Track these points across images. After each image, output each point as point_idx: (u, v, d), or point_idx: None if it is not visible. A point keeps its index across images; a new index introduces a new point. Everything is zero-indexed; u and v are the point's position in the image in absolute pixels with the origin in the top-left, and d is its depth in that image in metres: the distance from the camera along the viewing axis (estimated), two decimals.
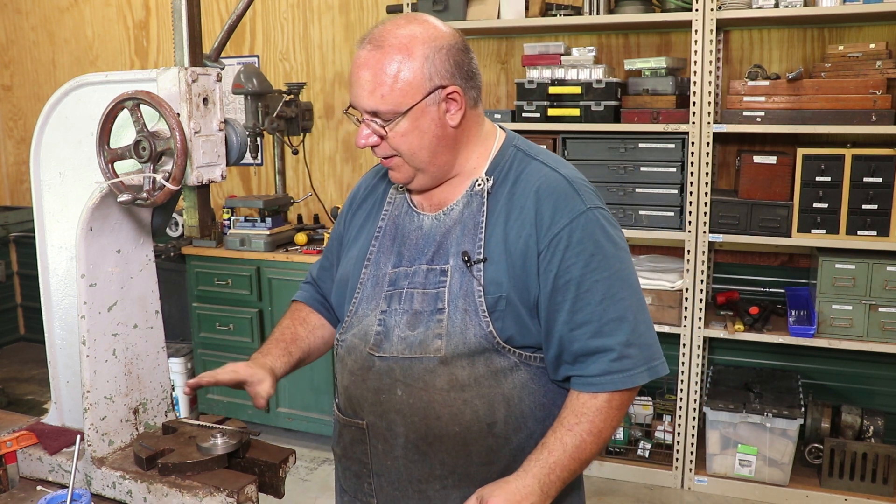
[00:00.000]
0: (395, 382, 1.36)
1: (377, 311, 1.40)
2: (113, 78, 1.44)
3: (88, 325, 1.42)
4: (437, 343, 1.33)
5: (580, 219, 1.32)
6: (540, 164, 1.39)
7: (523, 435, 1.37)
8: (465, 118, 1.36)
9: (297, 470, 3.57)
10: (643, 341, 1.32)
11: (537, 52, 3.48)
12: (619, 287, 1.32)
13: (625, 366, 1.30)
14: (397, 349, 1.36)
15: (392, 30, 1.31)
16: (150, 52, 4.79)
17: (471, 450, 1.35)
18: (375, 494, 1.43)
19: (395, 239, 1.43)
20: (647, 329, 1.35)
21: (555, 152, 3.41)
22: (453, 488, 1.37)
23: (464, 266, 1.34)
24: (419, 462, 1.37)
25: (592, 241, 1.32)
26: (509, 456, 1.36)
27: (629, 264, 1.37)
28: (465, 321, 1.32)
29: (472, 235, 1.35)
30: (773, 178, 3.15)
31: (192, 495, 1.31)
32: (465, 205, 1.38)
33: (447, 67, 1.31)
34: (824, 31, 3.37)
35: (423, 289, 1.36)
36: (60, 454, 1.49)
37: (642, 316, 1.34)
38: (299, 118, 3.80)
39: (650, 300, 3.36)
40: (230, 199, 4.08)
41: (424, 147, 1.34)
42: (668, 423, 3.50)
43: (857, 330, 3.11)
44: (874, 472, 3.14)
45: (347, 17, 4.23)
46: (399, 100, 1.30)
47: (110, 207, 1.44)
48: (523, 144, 1.44)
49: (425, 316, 1.34)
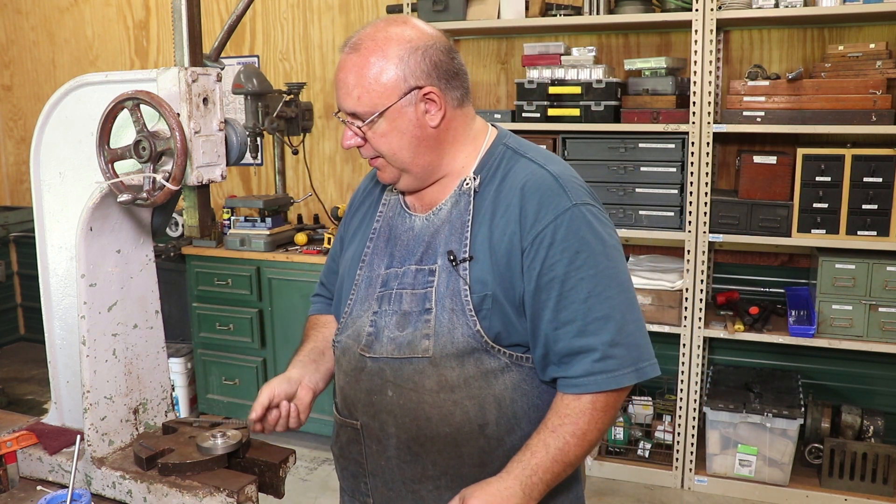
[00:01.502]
0: (386, 383, 1.36)
1: (369, 312, 1.41)
2: (113, 78, 1.44)
3: (88, 325, 1.42)
4: (424, 343, 1.33)
5: (565, 215, 1.30)
6: (528, 162, 1.38)
7: (517, 437, 1.36)
8: (446, 118, 1.36)
9: (297, 470, 3.57)
10: (631, 341, 1.30)
11: (537, 52, 3.48)
12: (606, 285, 1.30)
13: (609, 366, 1.28)
14: (387, 350, 1.37)
15: (371, 33, 1.33)
16: (150, 52, 4.79)
17: (463, 451, 1.35)
18: (371, 494, 1.44)
19: (388, 240, 1.45)
20: (637, 329, 1.32)
21: (555, 152, 3.43)
22: (446, 489, 1.37)
23: (450, 266, 1.34)
24: (412, 463, 1.38)
25: (578, 237, 1.30)
26: (503, 458, 1.35)
27: (619, 262, 1.34)
28: (452, 321, 1.32)
29: (458, 235, 1.36)
30: (773, 178, 3.15)
31: (192, 495, 1.31)
32: (453, 204, 1.39)
33: (423, 68, 1.32)
34: (824, 31, 3.37)
35: (412, 289, 1.37)
36: (60, 454, 1.49)
37: (631, 315, 1.32)
38: (299, 118, 3.80)
39: (650, 300, 3.36)
40: (230, 199, 4.08)
41: (404, 147, 1.35)
42: (668, 423, 3.50)
43: (857, 330, 3.11)
44: (874, 472, 3.14)
45: (347, 17, 4.23)
46: (375, 101, 1.31)
47: (110, 207, 1.44)
48: (513, 142, 1.44)
49: (414, 316, 1.35)
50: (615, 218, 3.36)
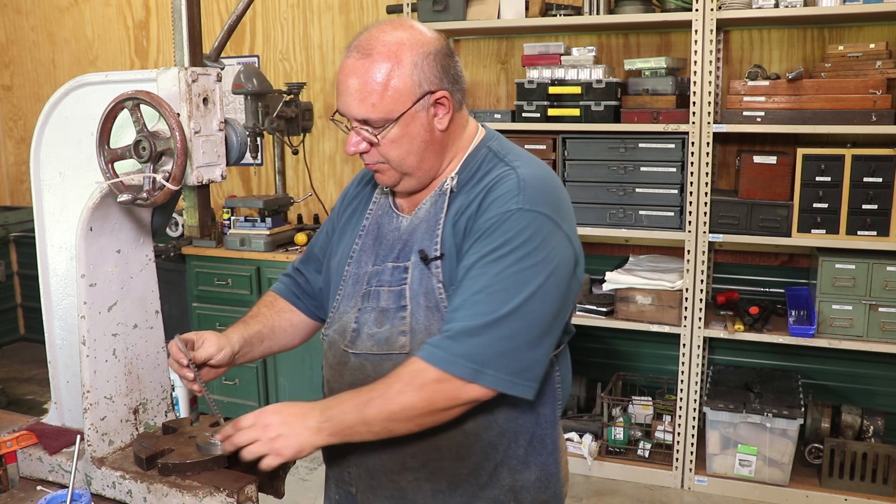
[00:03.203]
0: (368, 378, 1.38)
1: (355, 308, 1.43)
2: (113, 78, 1.44)
3: (88, 325, 1.42)
4: (401, 340, 1.36)
5: (506, 215, 1.29)
6: (504, 165, 1.38)
7: (494, 432, 1.39)
8: (451, 121, 1.38)
9: (297, 470, 3.57)
10: (494, 347, 1.24)
11: (537, 52, 3.48)
12: (504, 289, 1.25)
13: (448, 347, 1.24)
14: (367, 346, 1.40)
15: (378, 36, 1.32)
16: (150, 52, 4.79)
17: (440, 445, 1.37)
18: (354, 483, 1.48)
19: (376, 238, 1.47)
20: (513, 343, 1.25)
21: (554, 152, 3.44)
22: (426, 481, 1.40)
23: (422, 263, 1.36)
24: (392, 455, 1.40)
25: (504, 238, 1.28)
26: (480, 452, 1.38)
27: (538, 276, 1.26)
28: (428, 318, 1.34)
29: (430, 233, 1.38)
30: (773, 178, 3.15)
31: (192, 495, 1.31)
32: (431, 204, 1.41)
33: (435, 73, 1.33)
34: (824, 31, 3.37)
35: (389, 286, 1.39)
36: (60, 454, 1.49)
37: (516, 326, 1.25)
38: (299, 118, 3.80)
39: (650, 300, 3.36)
40: (230, 199, 4.08)
41: (413, 152, 1.36)
42: (668, 423, 3.50)
43: (857, 330, 3.11)
44: (874, 472, 3.14)
45: (347, 17, 4.23)
46: (390, 107, 1.31)
47: (110, 207, 1.44)
48: (496, 145, 1.43)
49: (391, 313, 1.38)
50: (615, 218, 3.36)
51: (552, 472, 1.47)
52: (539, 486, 1.44)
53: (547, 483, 1.46)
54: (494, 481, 1.41)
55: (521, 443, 1.42)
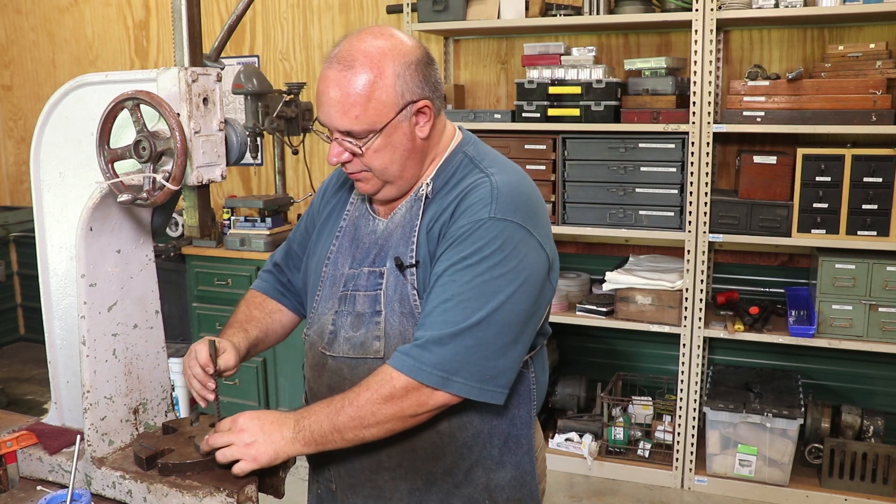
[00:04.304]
0: (344, 380, 1.40)
1: (332, 311, 1.45)
2: (113, 78, 1.44)
3: (88, 325, 1.42)
4: (376, 345, 1.37)
5: (477, 224, 1.29)
6: (479, 172, 1.38)
7: (469, 434, 1.40)
8: (433, 129, 1.38)
9: (296, 470, 3.56)
10: (463, 356, 1.25)
11: (537, 52, 3.48)
12: (474, 297, 1.26)
13: (418, 355, 1.25)
14: (343, 349, 1.41)
15: (359, 46, 1.31)
16: (150, 52, 4.79)
17: (416, 445, 1.39)
18: (334, 480, 1.50)
19: (352, 240, 1.48)
20: (482, 351, 1.26)
21: (554, 152, 3.44)
22: (402, 479, 1.42)
23: (397, 270, 1.37)
24: (369, 454, 1.42)
25: (475, 246, 1.28)
26: (455, 453, 1.40)
27: (509, 285, 1.27)
28: (402, 323, 1.35)
29: (406, 240, 1.38)
30: (773, 178, 3.15)
31: (192, 495, 1.31)
32: (407, 209, 1.41)
33: (417, 82, 1.33)
34: (824, 31, 3.37)
35: (365, 291, 1.40)
36: (60, 454, 1.49)
37: (483, 337, 1.26)
38: (299, 118, 3.80)
39: (650, 300, 3.36)
40: (230, 199, 4.08)
41: (396, 161, 1.36)
42: (668, 423, 3.50)
43: (857, 330, 3.11)
44: (874, 472, 3.14)
45: (347, 17, 4.23)
46: (373, 119, 1.31)
47: (110, 207, 1.43)
48: (472, 150, 1.44)
49: (366, 318, 1.39)
50: (615, 218, 3.37)
51: (527, 470, 1.48)
52: (514, 484, 1.46)
53: (522, 481, 1.47)
54: (469, 480, 1.42)
55: (495, 443, 1.43)
